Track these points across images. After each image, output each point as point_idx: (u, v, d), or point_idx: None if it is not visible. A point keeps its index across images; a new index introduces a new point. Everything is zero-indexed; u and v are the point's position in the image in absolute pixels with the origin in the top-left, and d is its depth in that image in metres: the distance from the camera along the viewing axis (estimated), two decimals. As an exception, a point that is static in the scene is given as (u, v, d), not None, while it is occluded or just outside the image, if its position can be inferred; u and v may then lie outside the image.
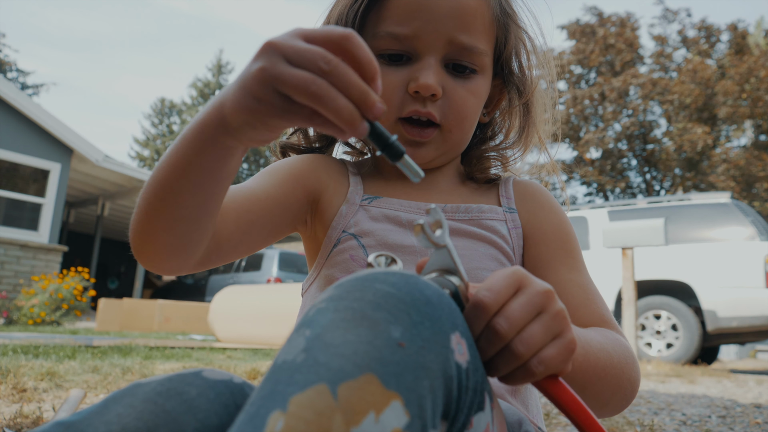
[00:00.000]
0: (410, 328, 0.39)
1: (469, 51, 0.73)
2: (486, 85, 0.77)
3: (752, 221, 5.79)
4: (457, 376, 0.40)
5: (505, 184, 0.83)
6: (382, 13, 0.74)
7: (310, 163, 0.81)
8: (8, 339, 4.74)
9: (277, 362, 0.37)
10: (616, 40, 21.22)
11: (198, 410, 0.46)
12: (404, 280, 0.42)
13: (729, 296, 5.67)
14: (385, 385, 0.35)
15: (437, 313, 0.41)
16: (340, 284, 0.42)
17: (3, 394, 2.13)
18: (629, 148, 21.76)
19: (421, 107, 0.73)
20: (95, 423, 0.44)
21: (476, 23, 0.73)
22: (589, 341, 0.57)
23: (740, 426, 2.34)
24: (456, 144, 0.78)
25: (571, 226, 0.79)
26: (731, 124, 20.01)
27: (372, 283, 0.41)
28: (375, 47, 0.75)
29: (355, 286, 0.41)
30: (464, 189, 0.83)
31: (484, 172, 0.83)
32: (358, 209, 0.78)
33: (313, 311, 0.40)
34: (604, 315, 0.70)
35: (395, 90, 0.73)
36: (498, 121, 0.85)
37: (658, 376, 4.43)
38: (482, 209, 0.78)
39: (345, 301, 0.40)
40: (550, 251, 0.75)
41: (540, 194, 0.82)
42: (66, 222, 13.33)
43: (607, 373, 0.59)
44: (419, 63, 0.73)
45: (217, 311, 6.77)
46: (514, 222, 0.78)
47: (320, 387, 0.34)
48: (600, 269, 6.26)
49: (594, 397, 0.59)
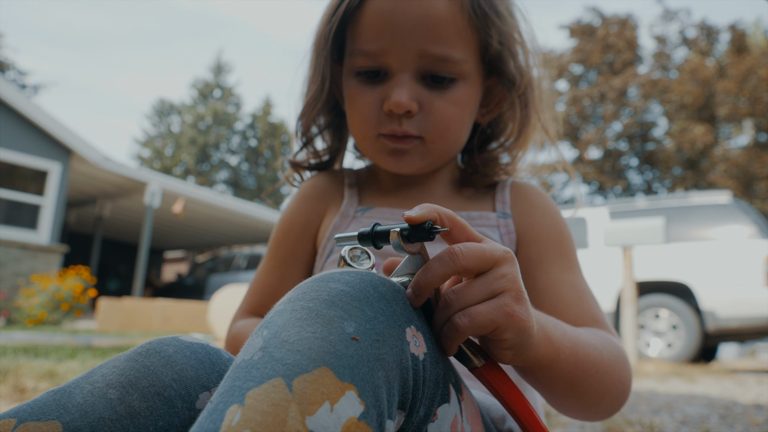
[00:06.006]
0: (364, 323, 0.40)
1: (444, 61, 0.71)
2: (471, 91, 0.75)
3: (753, 220, 5.79)
4: (413, 367, 0.42)
5: (502, 188, 0.82)
6: (355, 30, 0.74)
7: (307, 203, 0.84)
8: (8, 339, 4.74)
9: (236, 362, 0.39)
10: (616, 40, 21.22)
11: (175, 364, 0.49)
12: (359, 278, 0.43)
13: (729, 296, 5.67)
14: (340, 377, 0.36)
15: (391, 309, 0.42)
16: (298, 287, 0.44)
17: (3, 394, 2.13)
18: (629, 148, 21.76)
19: (397, 126, 0.72)
20: (82, 384, 0.48)
21: (447, 31, 0.71)
22: (578, 337, 0.57)
23: (740, 425, 2.34)
24: (442, 153, 0.77)
25: (565, 227, 0.78)
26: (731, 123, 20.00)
27: (327, 283, 0.43)
28: (351, 66, 0.75)
29: (311, 286, 0.43)
30: (460, 196, 0.82)
31: (485, 178, 0.82)
32: (352, 220, 0.80)
33: (272, 313, 0.42)
34: (595, 315, 0.69)
35: (372, 109, 0.74)
36: (500, 120, 0.84)
37: (657, 375, 4.43)
38: (471, 216, 0.77)
39: (301, 302, 0.41)
40: (541, 251, 0.74)
41: (534, 195, 0.81)
42: (66, 222, 13.33)
43: (597, 372, 0.58)
44: (393, 80, 0.72)
45: (216, 310, 6.77)
46: (507, 228, 0.77)
47: (276, 381, 0.35)
48: (600, 269, 6.25)
49: (583, 396, 0.59)
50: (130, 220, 14.14)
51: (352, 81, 0.76)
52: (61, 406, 0.46)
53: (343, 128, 0.87)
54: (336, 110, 0.86)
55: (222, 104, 30.27)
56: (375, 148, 0.76)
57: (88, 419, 0.45)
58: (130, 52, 55.26)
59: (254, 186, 30.75)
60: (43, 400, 0.47)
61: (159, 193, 11.06)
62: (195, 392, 0.49)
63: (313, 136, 0.87)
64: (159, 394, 0.47)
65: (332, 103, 0.85)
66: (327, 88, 0.80)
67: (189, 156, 29.02)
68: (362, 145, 0.79)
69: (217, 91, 30.85)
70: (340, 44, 0.79)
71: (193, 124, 29.69)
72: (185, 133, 29.35)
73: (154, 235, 15.22)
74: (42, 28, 53.81)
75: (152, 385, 0.47)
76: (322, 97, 0.81)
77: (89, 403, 0.46)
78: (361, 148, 0.80)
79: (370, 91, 0.74)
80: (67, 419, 0.45)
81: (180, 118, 30.45)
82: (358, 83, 0.75)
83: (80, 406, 0.46)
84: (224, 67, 31.12)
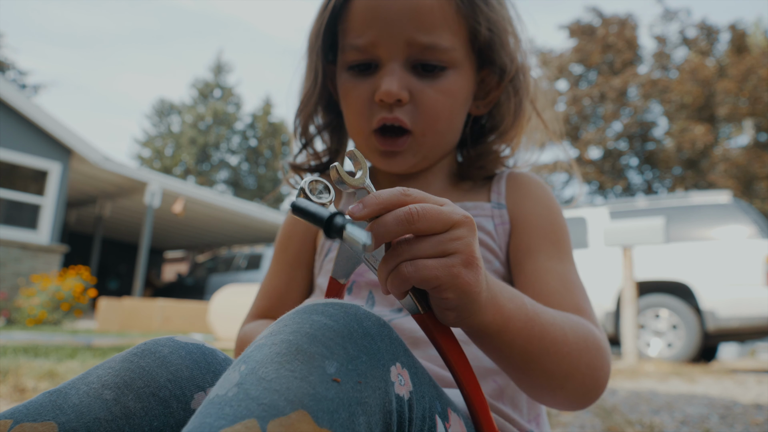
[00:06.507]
0: (346, 362, 0.38)
1: (432, 49, 0.71)
2: (462, 79, 0.75)
3: (753, 220, 5.79)
4: (397, 409, 0.41)
5: (499, 179, 0.81)
6: (346, 26, 0.75)
7: None
8: (8, 339, 4.74)
9: (210, 397, 0.37)
10: (616, 40, 21.22)
11: (170, 364, 0.49)
12: (343, 311, 0.42)
13: (729, 295, 5.67)
14: (318, 422, 0.34)
15: (376, 346, 0.41)
16: (280, 319, 0.42)
17: (3, 394, 2.13)
18: (629, 148, 21.76)
19: (387, 114, 0.72)
20: (78, 385, 0.48)
21: (434, 19, 0.71)
22: (539, 314, 0.55)
23: (740, 425, 2.34)
24: (434, 147, 0.76)
25: (558, 217, 0.77)
26: (731, 123, 20.01)
27: (309, 315, 0.41)
28: (344, 61, 0.76)
29: (293, 319, 0.41)
30: (457, 189, 0.82)
31: (482, 170, 0.81)
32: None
33: (252, 347, 0.40)
34: (579, 305, 0.67)
35: (364, 102, 0.74)
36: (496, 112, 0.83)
37: (658, 375, 4.43)
38: (466, 207, 0.77)
39: (281, 335, 0.39)
40: (532, 239, 0.73)
41: (529, 185, 0.80)
42: (66, 222, 13.33)
43: (557, 351, 0.56)
44: (383, 70, 0.72)
45: (216, 310, 6.77)
46: (501, 218, 0.76)
47: (250, 422, 0.33)
48: (600, 269, 6.26)
49: (541, 373, 0.56)
50: (130, 220, 14.14)
51: (345, 76, 0.77)
52: (57, 406, 0.46)
53: (341, 128, 0.87)
54: (334, 110, 0.86)
55: (222, 104, 30.27)
56: (368, 146, 0.77)
57: (84, 420, 0.45)
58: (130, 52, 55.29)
59: (254, 186, 30.75)
60: (39, 401, 0.47)
61: (159, 193, 11.06)
62: (190, 392, 0.49)
63: (312, 137, 0.87)
64: (154, 395, 0.47)
65: (330, 103, 0.85)
66: (320, 84, 0.81)
67: (189, 156, 29.02)
68: (357, 141, 0.79)
69: (217, 91, 30.86)
70: (334, 43, 0.80)
71: (193, 124, 29.70)
72: (185, 133, 29.36)
73: (154, 235, 15.23)
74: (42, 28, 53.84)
75: (147, 385, 0.47)
76: (315, 92, 0.82)
77: (85, 403, 0.46)
78: (357, 145, 0.80)
79: (361, 84, 0.74)
80: (63, 420, 0.45)
81: (180, 118, 30.46)
82: (350, 77, 0.76)
83: (76, 406, 0.46)
84: (224, 67, 31.12)
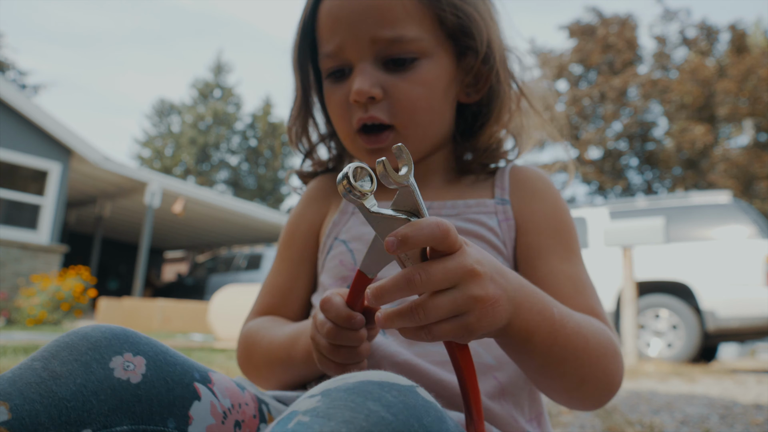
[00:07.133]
0: None
1: (398, 42, 0.71)
2: (437, 67, 0.74)
3: (753, 220, 5.79)
4: None
5: (502, 173, 0.80)
6: (318, 36, 0.77)
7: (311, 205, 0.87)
8: (8, 339, 4.74)
9: None
10: (616, 40, 21.22)
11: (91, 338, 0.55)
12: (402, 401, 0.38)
13: (729, 296, 5.67)
14: None
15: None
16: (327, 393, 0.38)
17: (3, 393, 2.13)
18: (629, 148, 21.77)
19: (363, 113, 0.73)
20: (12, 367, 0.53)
21: (395, 13, 0.71)
22: (566, 324, 0.56)
23: (740, 425, 2.34)
24: (419, 138, 0.76)
25: (566, 213, 0.76)
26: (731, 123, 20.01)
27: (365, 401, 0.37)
28: (323, 69, 0.78)
29: (346, 403, 0.37)
30: (459, 185, 0.81)
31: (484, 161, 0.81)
32: (350, 217, 0.81)
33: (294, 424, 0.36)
34: (593, 307, 0.68)
35: (342, 105, 0.75)
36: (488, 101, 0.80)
37: (657, 375, 4.43)
38: (469, 204, 0.76)
39: (333, 422, 0.35)
40: (541, 240, 0.73)
41: (534, 180, 0.78)
42: (66, 222, 13.33)
43: (577, 358, 0.56)
44: (354, 72, 0.74)
45: (216, 310, 6.77)
46: (505, 214, 0.75)
47: None
48: (600, 269, 6.26)
49: (558, 377, 0.57)
50: (130, 220, 14.14)
51: (326, 84, 0.79)
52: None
53: None
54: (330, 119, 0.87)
55: (222, 104, 30.27)
56: (356, 147, 0.78)
57: (17, 385, 0.49)
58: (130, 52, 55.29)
59: (254, 186, 30.75)
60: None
61: (159, 193, 11.06)
62: (108, 356, 0.53)
63: (314, 146, 0.89)
64: (77, 360, 0.52)
65: (326, 112, 0.86)
66: (301, 98, 0.84)
67: (189, 156, 29.02)
68: (346, 144, 0.80)
69: (217, 91, 30.86)
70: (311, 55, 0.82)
71: (193, 124, 29.69)
72: (185, 133, 29.36)
73: (154, 235, 15.23)
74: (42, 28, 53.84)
75: (71, 353, 0.53)
76: (301, 105, 0.85)
77: (17, 374, 0.51)
78: (347, 148, 0.81)
79: (339, 89, 0.76)
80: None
81: (180, 118, 30.45)
82: (329, 85, 0.78)
83: (9, 378, 0.51)
84: (224, 67, 31.12)
